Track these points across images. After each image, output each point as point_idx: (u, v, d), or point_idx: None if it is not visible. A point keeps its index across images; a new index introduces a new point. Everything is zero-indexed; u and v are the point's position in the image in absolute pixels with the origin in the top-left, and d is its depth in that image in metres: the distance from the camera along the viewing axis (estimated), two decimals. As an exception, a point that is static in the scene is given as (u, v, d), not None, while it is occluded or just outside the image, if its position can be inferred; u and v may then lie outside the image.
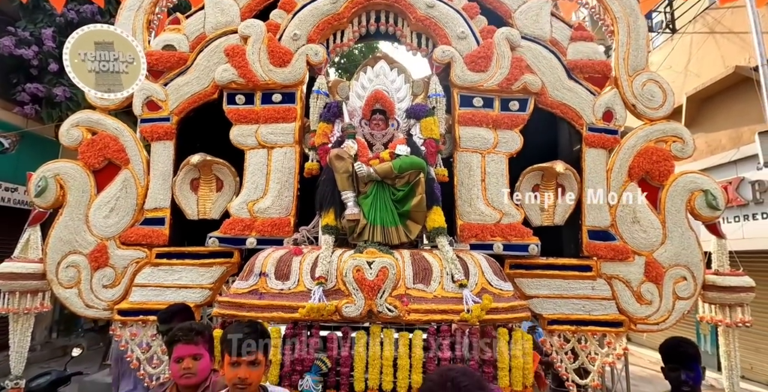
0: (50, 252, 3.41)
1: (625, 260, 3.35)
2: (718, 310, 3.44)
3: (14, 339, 3.44)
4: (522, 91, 3.37)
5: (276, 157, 3.27)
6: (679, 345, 2.57)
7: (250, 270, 2.62)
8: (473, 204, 3.21)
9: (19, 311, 3.36)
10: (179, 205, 3.41)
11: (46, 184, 3.50)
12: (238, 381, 1.77)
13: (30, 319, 3.45)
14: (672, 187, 3.48)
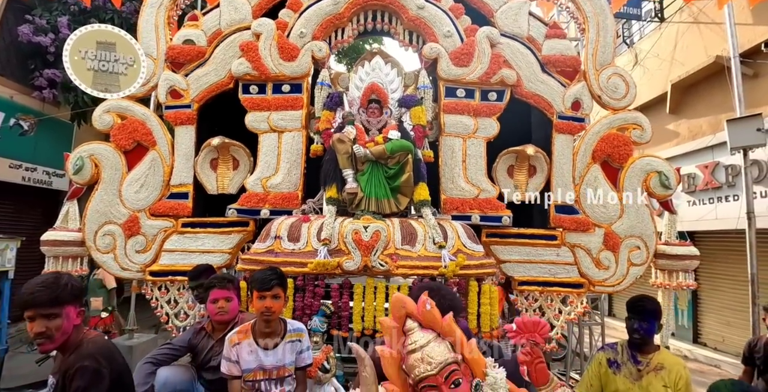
0: (88, 223, 3.98)
1: (587, 231, 3.95)
2: (666, 276, 4.05)
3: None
4: (500, 83, 3.92)
5: (285, 139, 3.84)
6: (640, 300, 3.07)
7: (267, 234, 3.21)
8: (455, 181, 3.80)
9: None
10: (201, 182, 3.98)
11: (82, 163, 4.04)
12: (265, 310, 2.36)
13: (71, 281, 4.05)
14: (630, 168, 4.06)
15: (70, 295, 1.88)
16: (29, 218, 7.92)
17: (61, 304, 1.85)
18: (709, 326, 8.77)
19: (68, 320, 1.87)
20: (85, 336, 1.98)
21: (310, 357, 2.56)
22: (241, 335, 2.44)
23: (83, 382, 1.79)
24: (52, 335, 1.84)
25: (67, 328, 1.88)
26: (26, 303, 1.83)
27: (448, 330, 1.42)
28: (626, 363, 2.89)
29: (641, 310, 2.93)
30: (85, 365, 1.82)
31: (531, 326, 1.45)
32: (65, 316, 1.86)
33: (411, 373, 1.39)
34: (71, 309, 1.89)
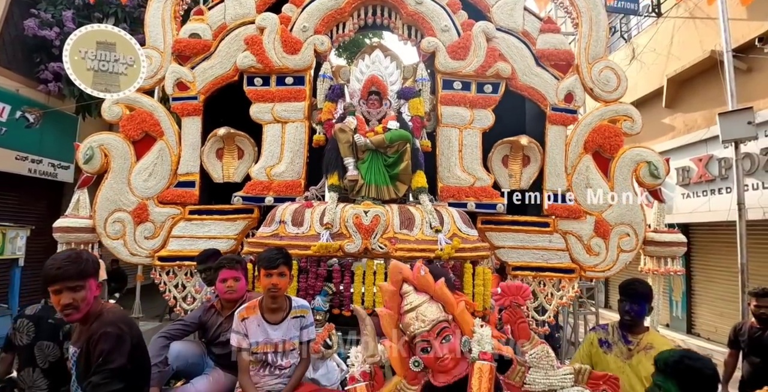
0: (99, 210, 4.16)
1: (578, 219, 4.13)
2: (655, 262, 4.23)
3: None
4: (495, 76, 4.09)
5: (289, 130, 4.02)
6: (632, 283, 3.21)
7: (272, 219, 3.39)
8: (452, 170, 3.98)
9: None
10: (207, 170, 4.16)
11: (92, 152, 4.20)
12: (271, 287, 2.54)
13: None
14: (621, 158, 4.24)
15: (92, 269, 2.07)
16: (35, 209, 8.10)
17: (85, 277, 2.03)
18: (703, 317, 8.97)
19: (90, 291, 2.06)
20: (103, 307, 2.17)
21: (313, 333, 2.74)
22: (249, 310, 2.62)
23: (108, 346, 1.97)
24: (78, 305, 2.02)
25: (90, 299, 2.06)
26: (55, 277, 2.01)
27: (440, 294, 1.60)
28: (617, 343, 3.06)
29: (633, 293, 3.09)
30: (108, 331, 2.01)
31: (514, 290, 1.63)
32: (88, 288, 2.04)
33: (407, 330, 1.58)
34: (93, 281, 2.07)
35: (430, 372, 1.57)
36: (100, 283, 2.18)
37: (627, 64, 10.17)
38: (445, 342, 1.53)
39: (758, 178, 7.11)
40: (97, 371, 1.95)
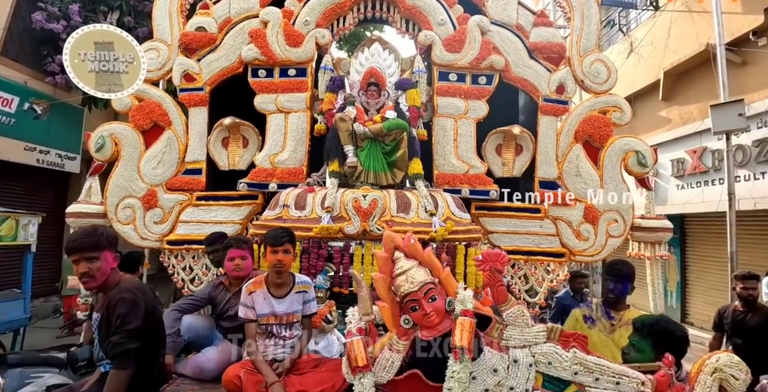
0: (110, 197, 4.37)
1: (568, 205, 4.33)
2: (643, 247, 4.44)
3: (81, 266, 4.46)
4: (489, 68, 4.28)
5: (291, 120, 4.22)
6: (617, 264, 3.42)
7: (276, 203, 3.61)
8: (447, 158, 4.18)
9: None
10: (213, 158, 4.36)
11: (103, 141, 4.40)
12: (277, 263, 2.76)
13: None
14: (610, 148, 4.43)
15: (106, 242, 2.31)
16: (42, 198, 8.34)
17: (100, 249, 2.27)
18: (696, 306, 9.21)
19: (106, 263, 2.30)
20: (122, 278, 2.41)
21: (315, 307, 2.96)
22: (256, 285, 2.85)
23: (124, 309, 2.21)
24: (94, 275, 2.27)
25: (106, 269, 2.30)
26: (72, 248, 2.26)
27: (428, 260, 1.82)
28: (600, 319, 3.29)
29: (617, 273, 3.33)
30: (124, 297, 2.25)
31: (493, 257, 1.84)
32: (103, 259, 2.28)
33: (398, 292, 1.80)
34: (108, 253, 2.31)
35: (419, 328, 1.79)
36: (117, 256, 2.41)
37: (625, 58, 10.35)
38: (432, 301, 1.75)
39: (750, 169, 7.31)
40: (116, 332, 2.19)
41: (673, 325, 2.35)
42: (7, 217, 5.17)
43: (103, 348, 2.33)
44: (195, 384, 2.80)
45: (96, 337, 2.42)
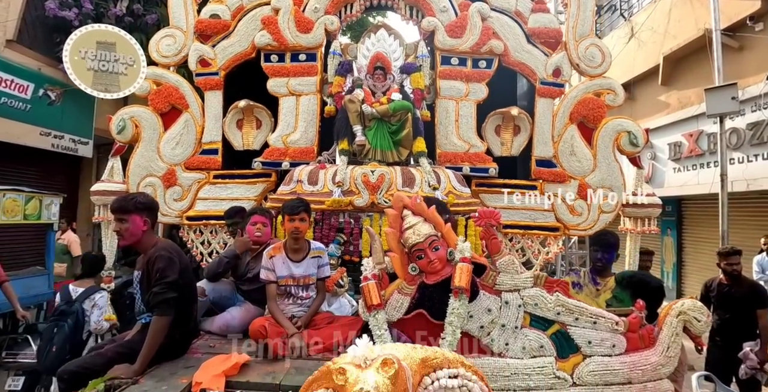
0: (131, 176, 4.68)
1: (563, 182, 4.64)
2: (633, 222, 4.74)
3: (106, 240, 4.81)
4: (489, 52, 4.56)
5: (303, 102, 4.52)
6: (604, 234, 3.77)
7: (290, 178, 3.93)
8: (449, 138, 4.49)
9: (111, 219, 4.69)
10: (228, 139, 4.66)
11: (124, 124, 4.70)
12: (294, 230, 3.08)
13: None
14: (603, 128, 4.72)
15: (133, 207, 2.65)
16: (55, 182, 8.67)
17: (127, 212, 2.62)
18: (692, 286, 9.54)
19: (134, 225, 2.63)
20: (158, 240, 2.75)
21: (328, 271, 3.29)
22: (275, 250, 3.17)
23: (162, 264, 2.55)
24: (123, 234, 2.62)
25: (134, 231, 2.64)
26: (110, 210, 2.63)
27: (431, 216, 2.14)
28: (587, 285, 3.62)
29: (604, 243, 3.66)
30: (161, 254, 2.60)
31: (488, 214, 2.15)
32: (131, 222, 2.63)
33: (406, 244, 2.12)
34: (136, 217, 2.64)
35: (424, 274, 2.11)
36: (146, 220, 2.71)
37: (625, 43, 10.57)
38: (435, 250, 2.08)
39: (744, 152, 7.59)
40: (156, 284, 2.54)
41: (649, 278, 2.68)
42: (31, 197, 5.50)
43: (144, 301, 2.67)
44: (222, 339, 3.14)
45: (137, 292, 2.76)
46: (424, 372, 0.84)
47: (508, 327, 2.10)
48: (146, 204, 2.77)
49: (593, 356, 2.14)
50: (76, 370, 2.55)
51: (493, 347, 2.10)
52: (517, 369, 2.08)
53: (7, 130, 7.25)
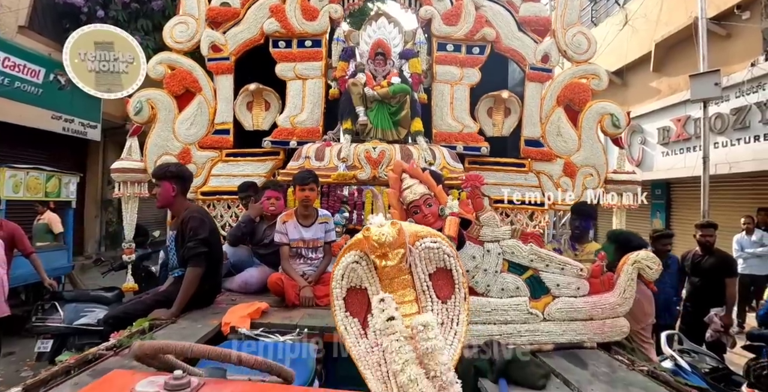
0: (149, 154, 5.09)
1: (550, 161, 5.07)
2: (615, 197, 5.18)
3: (126, 214, 5.23)
4: (482, 39, 4.96)
5: (309, 85, 4.92)
6: (581, 205, 4.21)
7: (299, 155, 4.36)
8: (444, 119, 4.91)
9: (129, 195, 5.11)
10: (239, 120, 5.07)
11: (141, 105, 5.09)
12: (304, 199, 3.51)
13: (135, 201, 5.21)
14: (588, 111, 5.14)
15: (164, 174, 3.09)
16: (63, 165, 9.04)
17: (159, 179, 3.07)
18: (678, 266, 10.00)
19: (164, 190, 3.08)
20: (190, 205, 3.19)
21: (334, 235, 3.73)
22: (288, 216, 3.61)
23: (195, 224, 2.99)
24: (156, 197, 3.05)
25: (166, 196, 3.08)
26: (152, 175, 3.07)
27: (426, 179, 2.58)
28: (567, 251, 4.08)
29: (581, 212, 4.14)
30: (194, 215, 3.04)
31: (473, 178, 2.57)
32: (163, 187, 3.05)
33: (404, 201, 2.55)
34: (167, 184, 3.08)
35: (419, 227, 2.55)
36: (176, 187, 3.14)
37: (619, 30, 10.91)
38: (428, 207, 2.51)
39: (727, 136, 8.02)
40: (190, 240, 2.98)
41: (633, 236, 3.16)
42: (52, 176, 5.91)
43: (179, 255, 3.11)
44: (242, 295, 3.59)
45: (172, 250, 3.20)
46: (416, 238, 1.25)
47: (489, 271, 2.54)
48: (176, 173, 3.20)
49: (561, 297, 2.58)
50: (120, 315, 3.00)
51: (476, 288, 2.55)
52: (497, 306, 2.53)
53: (21, 113, 7.63)
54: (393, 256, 1.19)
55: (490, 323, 2.53)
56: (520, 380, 2.05)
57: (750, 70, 7.58)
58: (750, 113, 7.62)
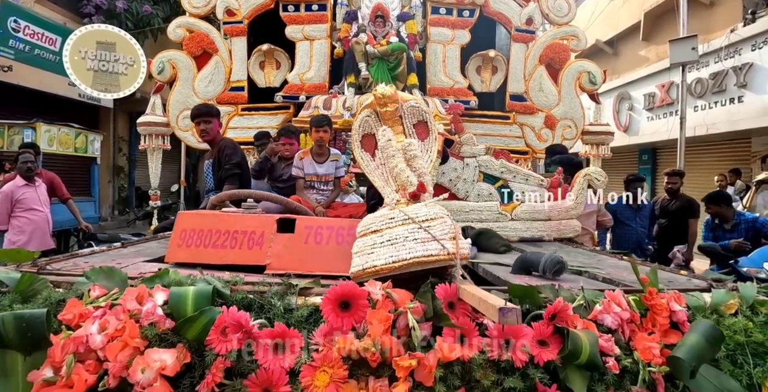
0: (171, 109, 5.80)
1: (532, 114, 5.80)
2: (591, 148, 5.94)
3: (152, 165, 5.97)
4: (471, 3, 5.64)
5: (315, 45, 5.62)
6: (556, 145, 5.02)
7: (309, 105, 5.09)
8: (437, 75, 5.62)
9: (154, 147, 5.84)
10: (252, 78, 5.77)
11: (163, 66, 5.79)
12: (319, 139, 4.23)
13: (159, 153, 5.94)
14: (567, 69, 5.85)
15: (215, 112, 3.82)
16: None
17: (212, 116, 3.79)
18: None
19: (215, 125, 3.80)
20: (224, 137, 3.93)
21: (343, 172, 4.47)
22: (304, 154, 4.35)
23: (229, 151, 3.73)
24: (209, 131, 3.79)
25: (215, 129, 3.81)
26: (197, 114, 3.77)
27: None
28: None
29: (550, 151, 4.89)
30: (228, 144, 3.78)
31: (455, 107, 3.31)
32: (213, 123, 3.79)
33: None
34: (215, 120, 3.81)
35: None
36: (220, 122, 3.88)
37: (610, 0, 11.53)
38: (420, 129, 3.26)
39: (706, 100, 8.74)
40: (226, 164, 3.72)
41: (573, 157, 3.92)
42: (80, 133, 6.63)
43: (215, 179, 3.86)
44: (263, 219, 4.35)
45: (209, 175, 3.94)
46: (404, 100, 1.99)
47: (468, 181, 3.30)
48: (218, 112, 3.96)
49: (525, 201, 3.36)
50: (167, 226, 3.77)
51: (458, 194, 3.31)
52: (474, 208, 3.29)
53: (41, 79, 8.31)
54: (391, 106, 1.93)
55: (469, 221, 3.31)
56: (486, 247, 2.82)
57: (728, 36, 8.25)
58: (727, 77, 8.32)
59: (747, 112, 7.93)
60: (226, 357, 1.17)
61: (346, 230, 1.82)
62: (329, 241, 1.81)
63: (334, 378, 1.15)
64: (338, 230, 1.84)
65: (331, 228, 1.85)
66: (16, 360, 1.18)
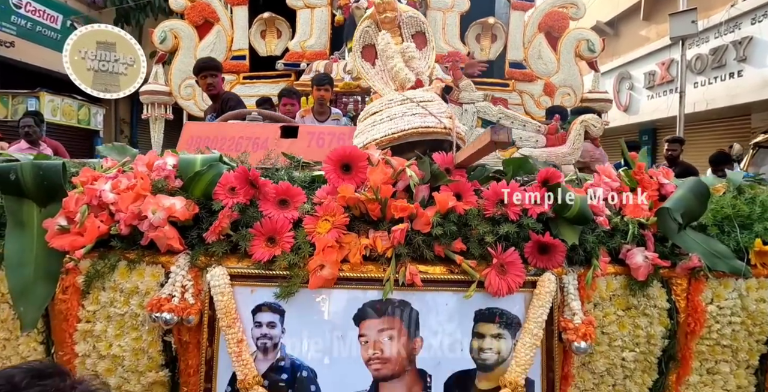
0: (174, 78, 5.86)
1: (531, 81, 5.85)
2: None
3: (153, 134, 6.02)
4: (471, -29, 5.69)
5: (316, 13, 5.66)
6: (556, 107, 5.08)
7: (310, 69, 5.14)
8: (437, 42, 5.59)
9: (156, 116, 5.89)
10: (254, 47, 5.82)
11: (165, 35, 5.84)
12: (320, 97, 4.30)
13: (161, 122, 5.99)
14: (566, 37, 5.88)
15: (219, 66, 3.89)
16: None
17: (219, 70, 3.85)
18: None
19: (220, 79, 3.87)
20: (227, 91, 4.00)
21: (343, 131, 4.54)
22: (306, 112, 4.42)
23: (233, 102, 3.79)
24: (215, 85, 3.84)
25: (220, 84, 3.87)
26: (203, 67, 3.84)
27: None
28: None
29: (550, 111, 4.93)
30: (231, 96, 3.87)
31: (454, 55, 3.35)
32: (219, 77, 3.85)
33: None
34: (220, 74, 3.87)
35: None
36: (224, 77, 3.95)
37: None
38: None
39: (705, 76, 8.77)
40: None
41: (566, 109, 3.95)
42: (83, 105, 6.69)
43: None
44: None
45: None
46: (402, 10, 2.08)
47: (466, 125, 3.36)
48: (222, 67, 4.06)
49: (523, 147, 3.41)
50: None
51: (457, 140, 3.38)
52: (473, 153, 3.36)
53: (43, 56, 8.36)
54: (390, 13, 1.99)
55: (468, 166, 3.37)
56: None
57: (728, 10, 8.27)
58: (726, 52, 8.35)
59: (746, 86, 7.96)
60: (233, 209, 1.23)
61: (347, 135, 1.88)
62: (331, 145, 1.87)
63: (335, 224, 1.21)
64: (339, 136, 1.91)
65: (332, 133, 1.92)
66: (33, 211, 1.24)
